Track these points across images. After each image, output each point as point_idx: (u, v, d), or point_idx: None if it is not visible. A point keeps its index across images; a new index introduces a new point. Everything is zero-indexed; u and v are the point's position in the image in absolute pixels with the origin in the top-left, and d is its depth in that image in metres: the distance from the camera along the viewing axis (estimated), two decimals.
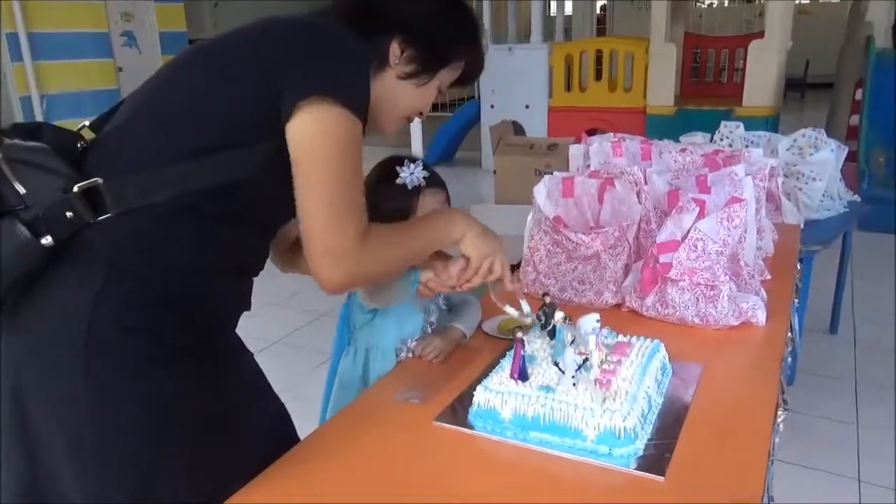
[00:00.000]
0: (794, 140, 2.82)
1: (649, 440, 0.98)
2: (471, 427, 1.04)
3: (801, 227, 2.30)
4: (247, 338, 1.19)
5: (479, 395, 1.04)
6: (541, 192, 1.59)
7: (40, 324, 0.98)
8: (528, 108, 6.80)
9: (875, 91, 5.04)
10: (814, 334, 3.21)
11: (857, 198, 3.00)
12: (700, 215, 1.40)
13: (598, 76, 6.58)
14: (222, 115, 0.99)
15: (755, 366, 1.30)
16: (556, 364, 1.04)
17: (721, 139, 2.81)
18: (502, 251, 1.19)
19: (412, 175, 1.28)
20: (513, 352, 1.06)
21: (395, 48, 1.11)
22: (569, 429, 0.96)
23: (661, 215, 1.53)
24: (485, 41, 1.20)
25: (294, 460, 0.99)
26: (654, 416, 1.04)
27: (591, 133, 2.24)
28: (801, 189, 2.65)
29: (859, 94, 5.38)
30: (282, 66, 0.97)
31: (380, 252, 1.02)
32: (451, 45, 1.15)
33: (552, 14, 8.88)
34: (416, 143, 7.40)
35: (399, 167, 1.29)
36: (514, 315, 1.26)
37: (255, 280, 1.14)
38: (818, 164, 2.69)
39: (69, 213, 0.92)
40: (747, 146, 2.68)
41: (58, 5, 6.20)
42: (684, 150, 1.88)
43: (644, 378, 1.04)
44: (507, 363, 1.07)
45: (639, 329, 1.24)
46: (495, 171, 3.93)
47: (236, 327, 1.14)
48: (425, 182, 1.29)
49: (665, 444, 0.98)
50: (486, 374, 1.10)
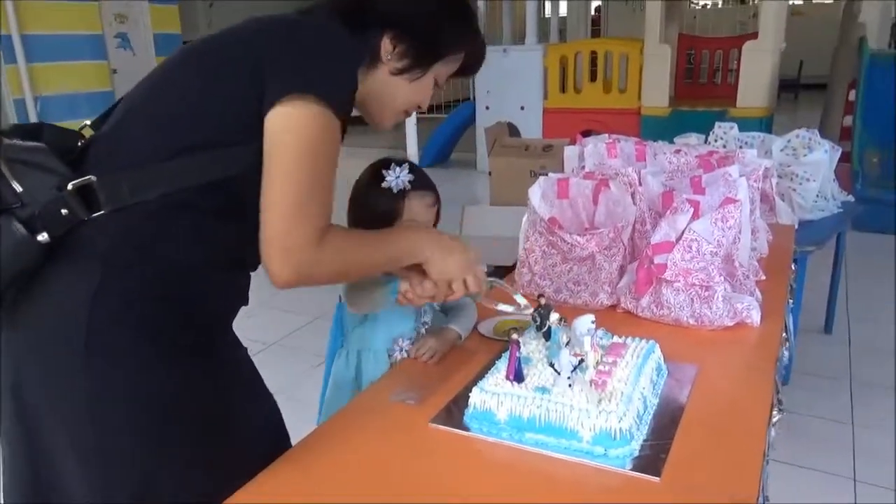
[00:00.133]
0: (788, 141, 2.83)
1: (645, 441, 0.98)
2: (466, 429, 1.04)
3: (796, 227, 2.31)
4: (243, 339, 1.18)
5: (475, 396, 1.04)
6: (536, 193, 1.59)
7: (39, 321, 0.99)
8: (522, 109, 6.81)
9: (868, 92, 5.07)
10: (808, 334, 3.22)
11: (850, 198, 3.02)
12: (694, 216, 1.41)
13: (593, 77, 6.60)
14: (216, 114, 1.00)
15: (750, 366, 1.31)
16: (551, 365, 1.04)
17: (715, 140, 2.82)
18: (471, 270, 1.17)
19: (398, 179, 1.29)
20: (508, 353, 1.06)
21: (386, 44, 1.11)
22: (564, 430, 0.96)
23: (655, 216, 1.53)
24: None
25: (290, 462, 0.99)
26: (650, 417, 1.04)
27: (586, 134, 2.24)
28: (795, 190, 2.66)
29: (853, 95, 5.39)
30: (268, 65, 0.97)
31: (335, 256, 1.00)
32: (444, 39, 1.14)
33: (547, 15, 8.90)
34: (412, 144, 7.42)
35: (385, 170, 1.30)
36: (511, 311, 1.26)
37: (253, 282, 1.14)
38: (812, 164, 2.70)
39: (64, 211, 0.94)
40: (741, 147, 2.69)
41: (51, 7, 6.18)
42: (679, 152, 1.89)
43: (639, 379, 1.04)
44: (502, 364, 1.07)
45: (634, 330, 1.25)
46: (490, 173, 3.92)
47: (232, 324, 1.15)
48: (411, 185, 1.30)
49: (660, 444, 0.98)
50: (481, 375, 1.10)
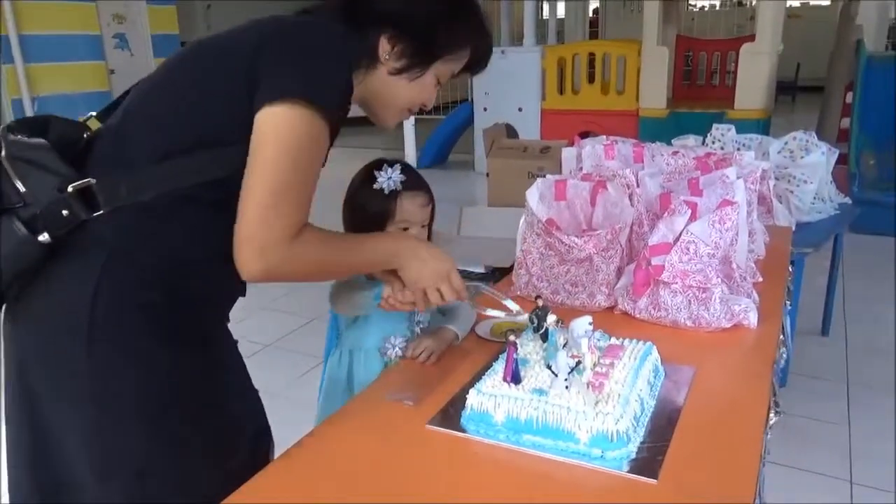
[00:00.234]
0: (786, 143, 2.84)
1: (642, 443, 0.98)
2: (463, 430, 1.04)
3: (793, 229, 2.31)
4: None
5: (472, 398, 1.03)
6: (533, 194, 1.59)
7: (42, 311, 1.02)
8: (521, 110, 6.82)
9: (865, 94, 5.08)
10: (805, 336, 3.22)
11: (847, 200, 3.02)
12: (692, 218, 1.41)
13: (591, 79, 6.60)
14: (214, 114, 1.01)
15: (747, 368, 1.31)
16: (548, 367, 1.04)
17: (713, 142, 2.82)
18: (445, 279, 1.17)
19: (389, 179, 1.29)
20: (505, 355, 1.06)
21: (384, 44, 1.11)
22: (561, 432, 0.96)
23: (653, 218, 1.53)
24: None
25: (287, 463, 0.99)
26: (647, 419, 1.04)
27: (584, 136, 2.24)
28: (792, 192, 2.67)
29: (850, 97, 5.41)
30: (262, 67, 0.99)
31: (305, 256, 1.01)
32: (442, 39, 1.14)
33: (545, 17, 8.92)
34: (410, 145, 7.42)
35: (377, 171, 1.30)
36: (502, 316, 1.27)
37: (250, 283, 1.14)
38: (809, 166, 2.71)
39: (65, 212, 0.96)
40: (739, 149, 2.70)
41: (49, 7, 6.17)
42: (676, 153, 1.89)
43: (636, 381, 1.04)
44: (499, 366, 1.07)
45: (631, 332, 1.25)
46: (488, 174, 3.92)
47: (228, 314, 1.19)
48: (403, 186, 1.30)
49: (657, 446, 0.98)
50: (478, 377, 1.10)
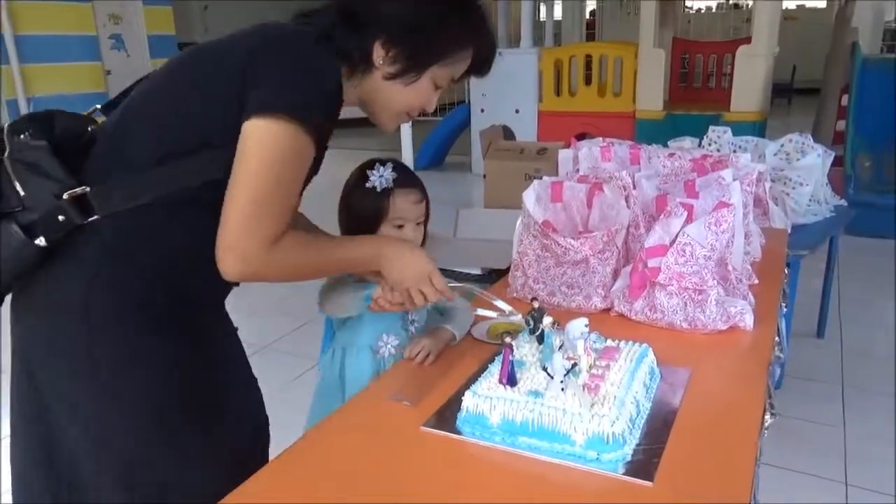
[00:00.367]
0: (782, 145, 2.85)
1: (637, 445, 0.98)
2: (459, 432, 1.03)
3: (789, 231, 2.32)
4: None
5: (468, 400, 1.03)
6: (530, 196, 1.59)
7: (43, 315, 1.06)
8: (517, 112, 6.82)
9: (861, 96, 5.09)
10: (801, 338, 3.23)
11: (843, 202, 3.03)
12: (688, 220, 1.41)
13: (588, 81, 6.61)
14: (215, 117, 1.03)
15: (743, 370, 1.31)
16: (544, 369, 1.04)
17: (709, 144, 2.83)
18: (426, 281, 1.20)
19: (381, 178, 1.30)
20: (501, 357, 1.06)
21: (378, 49, 1.11)
22: (557, 434, 0.96)
23: (649, 220, 1.53)
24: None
25: (283, 464, 0.99)
26: (643, 421, 1.03)
27: (581, 137, 2.24)
28: (788, 194, 2.67)
29: (845, 100, 5.42)
30: (250, 77, 1.01)
31: (286, 260, 1.05)
32: (436, 44, 1.14)
33: (542, 19, 8.92)
34: (407, 147, 7.42)
35: (370, 170, 1.31)
36: (495, 316, 1.28)
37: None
38: (805, 168, 2.71)
39: (61, 217, 1.00)
40: (735, 151, 2.70)
41: (45, 8, 6.16)
42: (673, 155, 1.89)
43: (632, 383, 1.04)
44: (495, 368, 1.07)
45: (627, 333, 1.24)
46: (485, 176, 3.92)
47: (224, 302, 1.24)
48: (395, 183, 1.31)
49: (653, 448, 0.98)
50: (474, 379, 1.10)
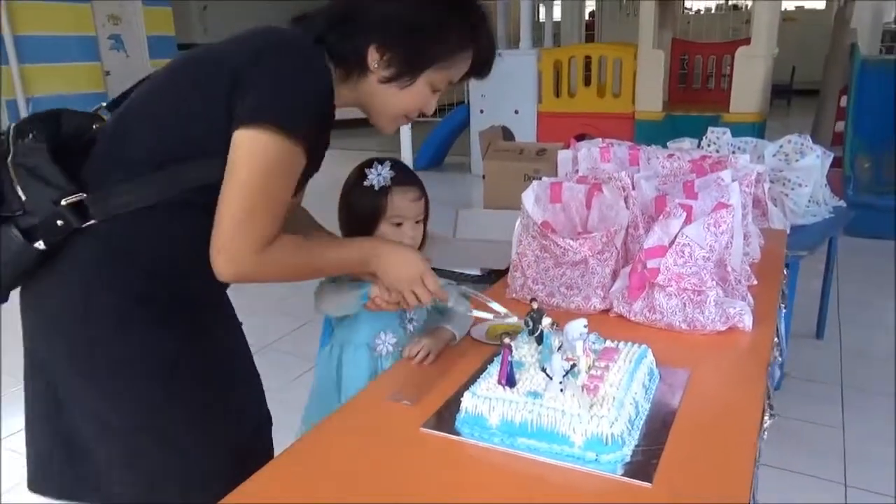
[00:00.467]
0: (781, 146, 2.85)
1: (636, 446, 0.98)
2: (458, 433, 1.03)
3: (788, 232, 2.32)
4: None
5: (467, 401, 1.03)
6: (529, 197, 1.59)
7: (44, 313, 1.10)
8: (517, 113, 6.82)
9: (859, 97, 5.09)
10: (800, 339, 3.23)
11: (842, 203, 3.03)
12: (687, 221, 1.41)
13: (587, 82, 6.61)
14: (216, 119, 1.03)
15: (742, 371, 1.31)
16: (543, 370, 1.04)
17: (708, 145, 2.82)
18: (418, 282, 1.21)
19: (379, 176, 1.31)
20: (500, 357, 1.06)
21: (373, 52, 1.12)
22: (556, 435, 0.96)
23: (648, 221, 1.53)
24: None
25: (282, 464, 0.99)
26: (642, 422, 1.03)
27: (580, 138, 2.24)
28: (787, 195, 2.67)
29: (844, 101, 5.42)
30: (240, 86, 1.03)
31: (278, 262, 1.07)
32: (430, 48, 1.14)
33: (541, 20, 8.92)
34: (406, 147, 7.42)
35: (368, 169, 1.32)
36: (490, 317, 1.29)
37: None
38: (804, 169, 2.71)
39: (60, 222, 1.03)
40: (734, 152, 2.70)
41: (44, 8, 6.16)
42: (672, 156, 1.89)
43: (631, 384, 1.04)
44: (494, 369, 1.07)
45: (626, 334, 1.25)
46: (484, 176, 3.92)
47: (225, 293, 1.24)
48: (393, 181, 1.32)
49: (652, 449, 0.98)
50: (473, 379, 1.10)
